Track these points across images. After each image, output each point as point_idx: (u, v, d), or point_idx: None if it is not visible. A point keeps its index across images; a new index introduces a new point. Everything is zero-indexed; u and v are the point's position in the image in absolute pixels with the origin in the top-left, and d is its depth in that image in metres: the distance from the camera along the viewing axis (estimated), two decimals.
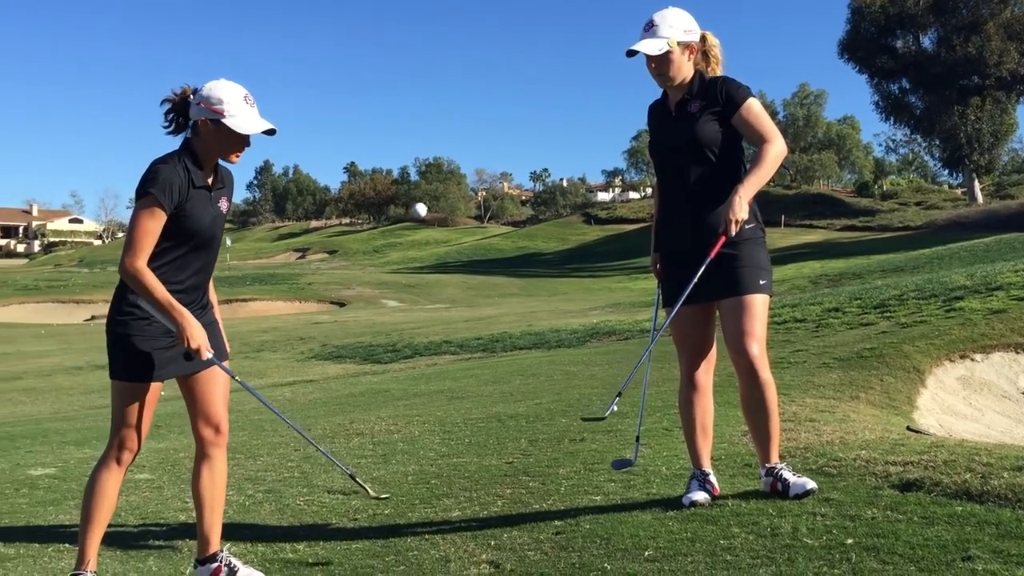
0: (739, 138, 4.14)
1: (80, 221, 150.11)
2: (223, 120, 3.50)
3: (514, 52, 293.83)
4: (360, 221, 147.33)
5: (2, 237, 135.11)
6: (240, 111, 3.51)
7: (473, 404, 9.39)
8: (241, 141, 3.57)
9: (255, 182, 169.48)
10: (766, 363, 4.07)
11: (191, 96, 3.58)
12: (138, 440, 3.68)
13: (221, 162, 3.71)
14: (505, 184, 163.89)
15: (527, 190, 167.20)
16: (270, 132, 3.56)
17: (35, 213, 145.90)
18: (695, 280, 4.00)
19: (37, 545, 4.46)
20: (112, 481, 3.69)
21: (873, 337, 10.25)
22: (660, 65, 4.08)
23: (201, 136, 3.54)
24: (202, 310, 3.71)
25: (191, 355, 3.50)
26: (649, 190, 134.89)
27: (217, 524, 3.79)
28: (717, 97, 4.07)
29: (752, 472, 4.62)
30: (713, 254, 3.97)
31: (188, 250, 3.56)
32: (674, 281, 4.26)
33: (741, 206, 3.89)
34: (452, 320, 35.17)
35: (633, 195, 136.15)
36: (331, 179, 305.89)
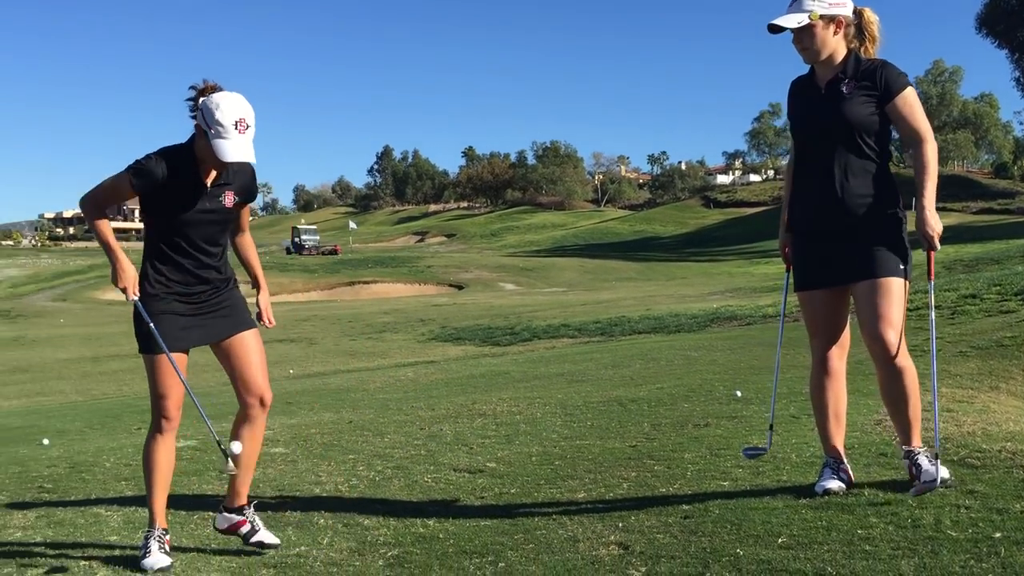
0: (888, 125, 3.97)
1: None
2: (209, 136, 3.64)
3: (633, 33, 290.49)
4: (478, 205, 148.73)
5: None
6: (227, 135, 3.62)
7: (593, 387, 9.39)
8: (217, 161, 3.69)
9: (375, 167, 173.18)
10: (904, 349, 3.93)
11: (203, 98, 3.72)
12: (174, 409, 3.86)
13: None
14: (622, 167, 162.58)
15: (644, 173, 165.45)
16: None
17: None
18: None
19: (183, 512, 4.70)
20: (161, 449, 3.89)
21: (1014, 325, 9.75)
22: (803, 39, 3.95)
23: (198, 138, 3.73)
24: (216, 291, 3.90)
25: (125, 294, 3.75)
26: (771, 172, 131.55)
27: (248, 480, 4.04)
28: (876, 81, 3.89)
29: (888, 462, 4.47)
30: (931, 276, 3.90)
31: (176, 235, 3.77)
32: (805, 262, 4.14)
33: (935, 218, 3.78)
34: (569, 303, 35.20)
35: (754, 178, 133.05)
36: (449, 163, 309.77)
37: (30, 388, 17.84)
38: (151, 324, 3.72)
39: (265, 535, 3.92)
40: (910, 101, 3.91)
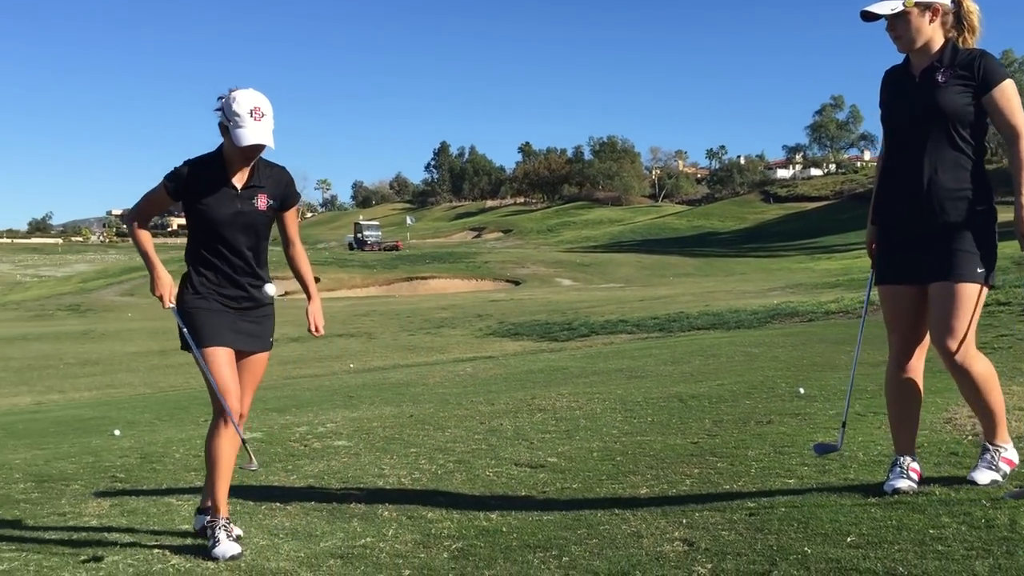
0: (984, 118, 3.85)
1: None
2: (229, 128, 3.77)
3: (690, 26, 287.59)
4: (534, 200, 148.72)
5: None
6: (243, 123, 3.74)
7: (653, 383, 9.34)
8: (242, 150, 3.80)
9: (432, 163, 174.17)
10: (968, 356, 3.79)
11: (222, 97, 3.85)
12: (234, 400, 3.94)
13: (274, 162, 4.03)
14: (680, 162, 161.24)
15: (703, 168, 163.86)
16: (261, 146, 3.80)
17: None
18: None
19: (252, 503, 4.79)
20: (220, 441, 3.97)
21: None
22: (897, 26, 3.84)
23: (224, 139, 3.86)
24: (252, 302, 4.02)
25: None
26: (833, 166, 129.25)
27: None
28: (974, 71, 3.76)
29: (959, 461, 4.38)
30: None
31: (211, 238, 3.91)
32: (887, 257, 4.05)
33: None
34: (627, 299, 35.04)
35: (815, 172, 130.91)
36: (506, 159, 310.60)
37: (100, 380, 18.33)
38: (184, 329, 3.88)
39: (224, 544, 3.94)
40: (1008, 94, 3.76)
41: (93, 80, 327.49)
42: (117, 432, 8.35)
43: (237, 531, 4.00)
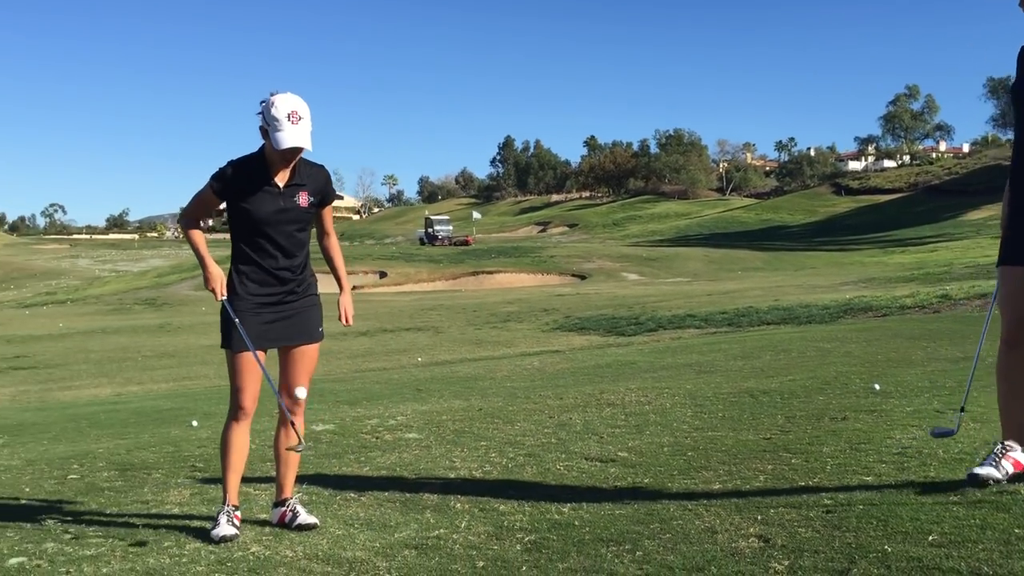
0: None
1: (341, 198, 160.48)
2: (269, 132, 3.91)
3: (758, 17, 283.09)
4: (600, 194, 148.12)
5: None
6: (282, 127, 3.87)
7: (723, 378, 9.25)
8: (281, 153, 3.92)
9: (498, 158, 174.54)
10: None
11: (263, 102, 3.98)
12: (249, 401, 4.12)
13: (313, 161, 4.15)
14: (748, 155, 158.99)
15: (771, 160, 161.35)
16: (299, 149, 3.92)
17: None
18: None
19: (327, 493, 4.87)
20: (236, 435, 4.17)
21: None
22: None
23: (265, 142, 3.99)
24: (293, 296, 4.14)
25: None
26: (907, 157, 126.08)
27: (289, 476, 4.30)
28: None
29: None
30: None
31: (255, 235, 4.05)
32: (1013, 237, 3.92)
33: None
34: (694, 294, 34.71)
35: (889, 163, 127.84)
36: (571, 153, 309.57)
37: (176, 372, 18.80)
38: (236, 321, 4.01)
39: (304, 518, 4.13)
40: None
41: (168, 81, 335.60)
42: (195, 423, 8.56)
43: (308, 518, 4.11)
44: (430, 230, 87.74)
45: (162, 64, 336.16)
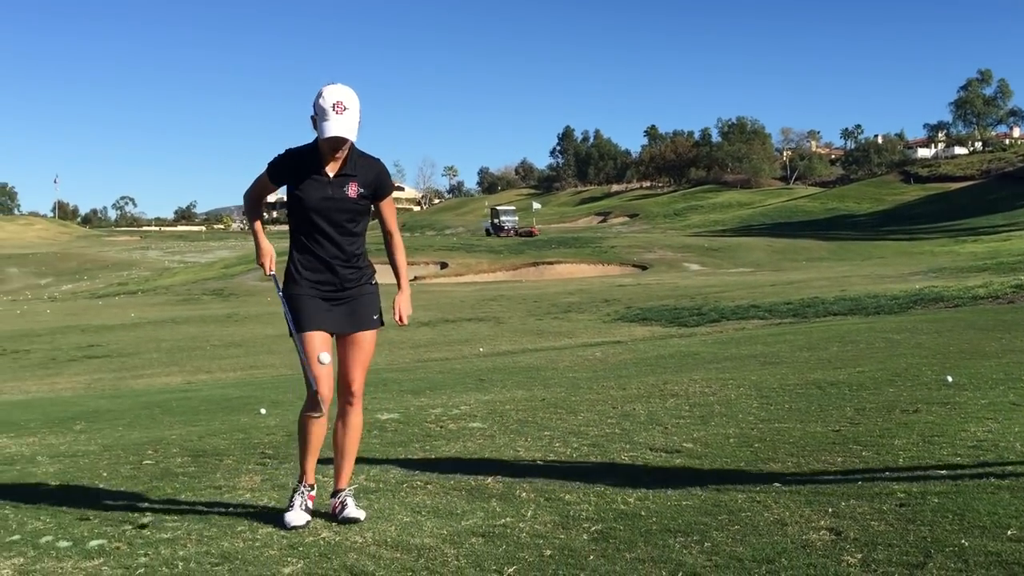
0: None
1: (401, 189, 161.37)
2: (316, 122, 3.99)
3: (822, 2, 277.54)
4: (660, 184, 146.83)
5: None
6: (327, 117, 3.95)
7: (789, 370, 9.12)
8: (327, 141, 3.99)
9: (557, 148, 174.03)
10: None
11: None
12: (322, 385, 4.11)
13: (369, 154, 4.21)
14: (813, 143, 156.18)
15: (837, 148, 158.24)
16: (344, 139, 3.98)
17: None
18: None
19: (393, 481, 4.93)
20: (310, 423, 4.20)
21: None
22: None
23: (316, 133, 4.05)
24: (348, 284, 4.18)
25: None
26: (979, 144, 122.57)
27: (347, 466, 4.30)
28: None
29: None
30: None
31: (305, 222, 4.13)
32: None
33: None
34: (758, 284, 34.24)
35: (960, 150, 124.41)
36: (631, 143, 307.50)
37: (244, 361, 19.17)
38: (302, 308, 4.10)
39: (349, 511, 4.13)
40: None
41: (234, 78, 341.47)
42: (263, 411, 8.72)
43: (355, 512, 4.14)
44: (496, 220, 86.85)
45: (231, 60, 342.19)
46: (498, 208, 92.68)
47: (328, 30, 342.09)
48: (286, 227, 4.50)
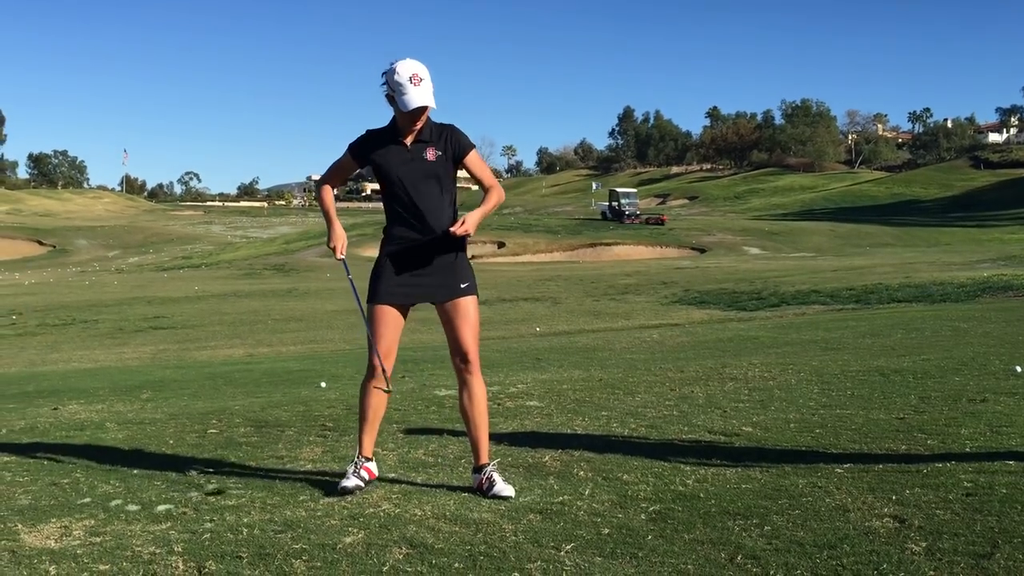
0: None
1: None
2: (396, 97, 4.09)
3: None
4: (721, 167, 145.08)
5: None
6: (406, 90, 4.05)
7: (851, 356, 8.98)
8: (409, 114, 4.09)
9: (617, 129, 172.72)
10: None
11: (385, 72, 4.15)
12: (384, 357, 4.26)
13: (441, 122, 4.29)
14: (879, 126, 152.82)
15: (904, 132, 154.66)
16: (424, 108, 4.09)
17: None
18: None
19: (451, 456, 4.98)
20: (370, 395, 4.35)
21: None
22: None
23: (393, 109, 4.18)
24: (436, 249, 4.22)
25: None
26: None
27: (482, 439, 4.33)
28: None
29: None
30: None
31: (392, 193, 4.26)
32: None
33: None
34: (819, 269, 33.72)
35: None
36: (692, 124, 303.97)
37: (304, 336, 19.46)
38: (381, 281, 4.24)
39: (499, 488, 4.12)
40: None
41: (297, 57, 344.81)
42: (323, 384, 8.85)
43: (504, 489, 4.11)
44: (615, 204, 76.26)
45: (292, 42, 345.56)
46: (618, 190, 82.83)
47: (386, 10, 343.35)
48: (346, 204, 4.61)
